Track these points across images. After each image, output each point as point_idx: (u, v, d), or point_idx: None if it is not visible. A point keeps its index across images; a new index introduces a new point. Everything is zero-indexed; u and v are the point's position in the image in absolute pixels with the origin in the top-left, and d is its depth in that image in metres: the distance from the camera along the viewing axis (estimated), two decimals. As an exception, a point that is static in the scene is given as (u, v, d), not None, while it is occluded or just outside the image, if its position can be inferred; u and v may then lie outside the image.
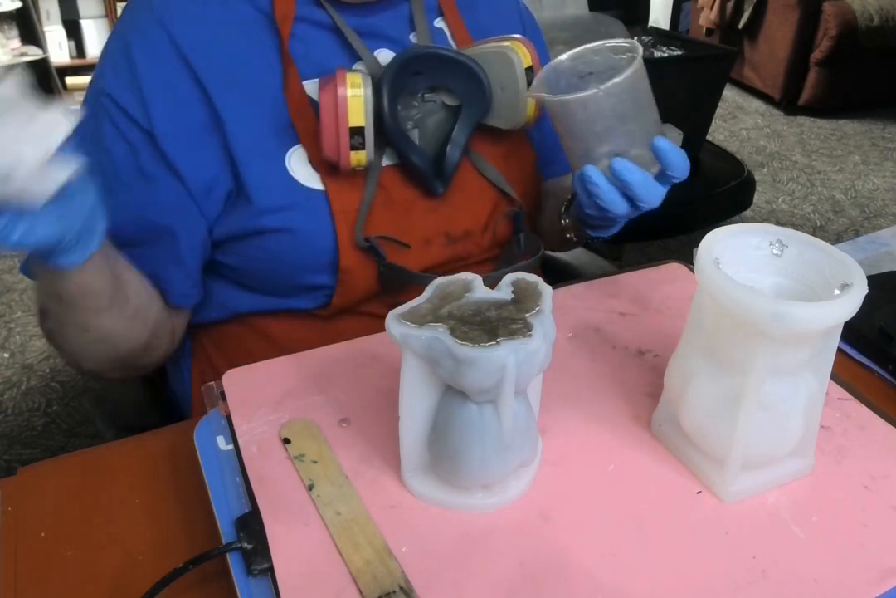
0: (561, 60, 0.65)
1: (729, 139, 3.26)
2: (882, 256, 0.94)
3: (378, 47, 0.73)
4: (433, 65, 0.68)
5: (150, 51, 0.66)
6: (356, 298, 0.74)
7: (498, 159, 0.77)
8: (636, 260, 2.33)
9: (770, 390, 0.48)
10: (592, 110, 0.59)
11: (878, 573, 0.47)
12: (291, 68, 0.68)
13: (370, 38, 0.72)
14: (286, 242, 0.69)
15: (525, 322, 0.45)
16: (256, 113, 0.68)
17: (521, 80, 0.69)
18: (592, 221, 0.71)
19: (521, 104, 0.70)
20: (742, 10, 3.43)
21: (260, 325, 0.78)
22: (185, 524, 0.55)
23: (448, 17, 0.77)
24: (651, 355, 0.66)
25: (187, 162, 0.67)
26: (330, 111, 0.63)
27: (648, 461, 0.55)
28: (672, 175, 0.63)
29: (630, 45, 0.63)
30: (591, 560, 0.48)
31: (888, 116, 3.47)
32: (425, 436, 0.51)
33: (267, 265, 0.72)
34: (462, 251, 0.77)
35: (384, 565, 0.46)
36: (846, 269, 0.48)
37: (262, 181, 0.68)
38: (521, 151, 0.80)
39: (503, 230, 0.79)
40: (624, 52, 0.63)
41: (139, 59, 0.66)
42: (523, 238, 0.79)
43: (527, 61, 0.69)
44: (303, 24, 0.69)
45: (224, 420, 0.58)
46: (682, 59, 1.95)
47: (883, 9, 3.17)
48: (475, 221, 0.76)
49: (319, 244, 0.70)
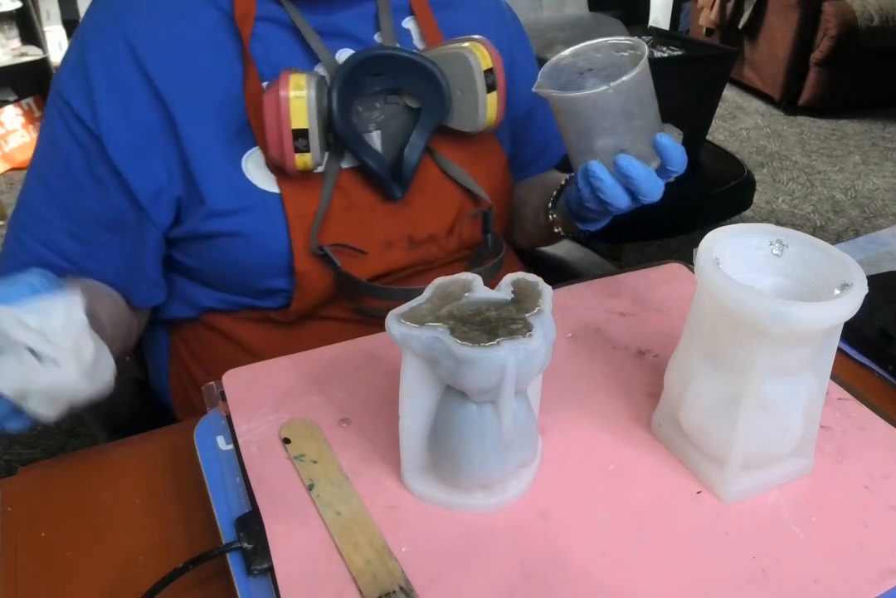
0: (563, 56, 0.64)
1: (729, 139, 3.26)
2: (882, 256, 0.94)
3: (341, 47, 0.71)
4: (392, 66, 0.67)
5: (103, 53, 0.66)
6: (314, 302, 0.74)
7: (465, 161, 0.75)
8: (636, 260, 2.33)
9: (770, 390, 0.48)
10: (601, 107, 0.60)
11: (878, 573, 0.47)
12: (251, 69, 0.67)
13: (333, 37, 0.70)
14: (240, 246, 0.69)
15: (525, 322, 0.45)
16: (212, 115, 0.67)
17: (480, 83, 0.67)
18: (589, 214, 0.70)
19: (481, 107, 0.69)
20: (742, 10, 3.43)
21: (227, 329, 0.78)
22: (185, 524, 0.55)
23: (419, 17, 0.75)
24: (651, 355, 0.66)
25: (134, 168, 0.66)
26: (272, 113, 0.62)
27: (648, 461, 0.55)
28: (672, 170, 0.63)
29: (633, 42, 0.63)
30: (590, 560, 0.48)
31: (888, 116, 3.47)
32: (425, 436, 0.51)
33: (223, 267, 0.72)
34: (427, 255, 0.76)
35: (384, 565, 0.46)
36: (846, 269, 0.48)
37: (217, 184, 0.67)
38: (489, 153, 0.79)
39: (470, 232, 0.78)
40: (625, 50, 0.63)
41: (91, 62, 0.66)
42: (490, 239, 0.78)
43: (486, 63, 0.67)
44: (264, 24, 0.68)
45: (224, 420, 0.58)
46: (682, 59, 1.95)
47: (883, 9, 3.17)
48: (440, 224, 0.75)
49: (274, 249, 0.69)
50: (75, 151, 0.67)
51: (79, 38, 0.69)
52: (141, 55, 0.66)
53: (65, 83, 0.67)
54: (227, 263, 0.71)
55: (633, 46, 0.63)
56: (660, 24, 2.48)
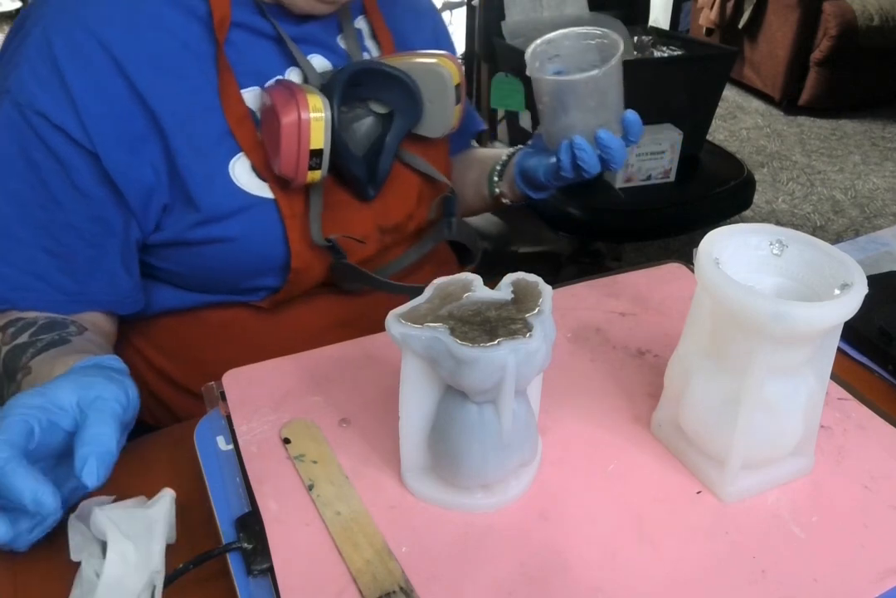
0: (537, 44, 0.72)
1: (729, 139, 3.26)
2: (882, 256, 0.94)
3: (310, 53, 0.74)
4: (372, 78, 0.71)
5: (79, 60, 0.62)
6: (302, 292, 0.77)
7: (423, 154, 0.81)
8: (636, 260, 2.33)
9: (770, 389, 0.48)
10: (592, 88, 0.68)
11: (878, 573, 0.47)
12: (227, 75, 0.67)
13: (303, 43, 0.73)
14: (235, 251, 0.70)
15: (525, 322, 0.45)
16: (196, 122, 0.66)
17: (451, 96, 0.74)
18: (557, 183, 0.77)
19: (449, 117, 0.76)
20: (742, 9, 3.43)
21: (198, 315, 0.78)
22: (185, 524, 0.55)
23: (370, 16, 0.80)
24: (651, 355, 0.66)
25: (127, 178, 0.65)
26: (292, 133, 0.63)
27: (648, 461, 0.55)
28: (632, 141, 0.72)
29: (602, 32, 0.71)
30: (590, 560, 0.48)
31: (888, 116, 3.47)
32: (425, 436, 0.51)
33: (209, 272, 0.73)
34: (390, 241, 0.81)
35: (384, 565, 0.46)
36: (846, 269, 0.48)
37: (209, 190, 0.67)
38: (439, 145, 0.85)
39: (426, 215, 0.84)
40: (594, 38, 0.71)
41: (67, 69, 0.62)
42: (455, 223, 0.84)
43: (456, 79, 0.74)
44: (238, 31, 0.69)
45: (224, 420, 0.58)
46: (682, 59, 1.95)
47: (883, 9, 3.17)
48: (405, 213, 0.81)
49: (269, 251, 0.71)
50: (53, 167, 0.64)
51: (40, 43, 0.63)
52: (122, 63, 0.63)
53: (34, 94, 0.62)
54: (215, 268, 0.72)
55: (601, 35, 0.70)
56: (660, 23, 2.47)
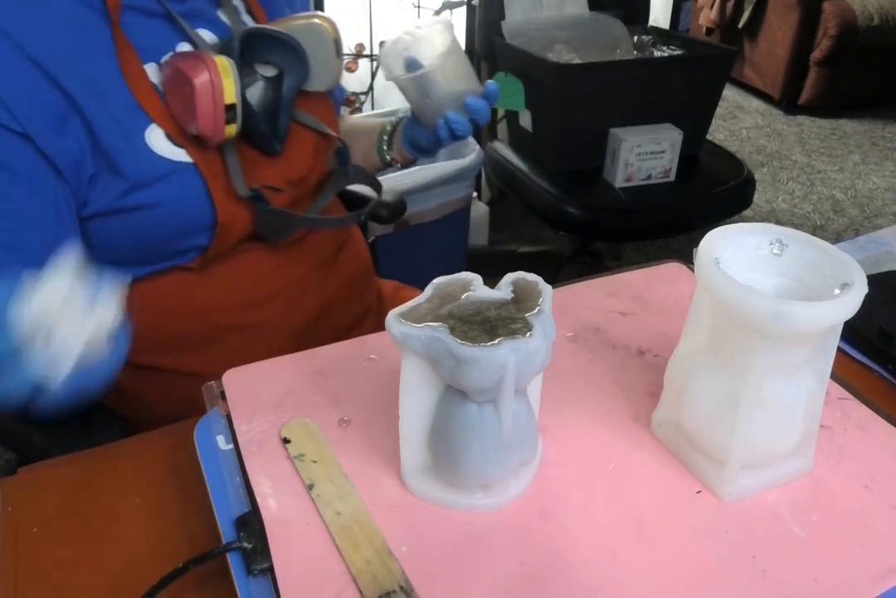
0: (387, 44, 0.83)
1: (729, 139, 3.26)
2: (882, 255, 0.94)
3: (198, 27, 0.79)
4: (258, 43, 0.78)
5: None
6: (230, 247, 0.81)
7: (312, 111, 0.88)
8: (636, 260, 2.33)
9: (770, 389, 0.48)
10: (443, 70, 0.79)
11: (878, 573, 0.47)
12: (127, 53, 0.72)
13: (190, 19, 0.78)
14: (163, 215, 0.74)
15: (525, 322, 0.45)
16: (106, 98, 0.71)
17: (332, 50, 0.81)
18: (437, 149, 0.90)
19: (332, 70, 0.83)
20: (742, 9, 3.43)
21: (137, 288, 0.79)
22: (185, 524, 0.55)
23: None
24: (651, 354, 0.66)
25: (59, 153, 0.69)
26: (206, 92, 0.69)
27: (648, 461, 0.55)
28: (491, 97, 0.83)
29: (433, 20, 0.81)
30: (591, 560, 0.48)
31: (888, 115, 3.47)
32: (425, 436, 0.51)
33: (140, 239, 0.76)
34: (298, 194, 0.87)
35: (384, 565, 0.46)
36: (846, 268, 0.48)
37: (132, 158, 0.72)
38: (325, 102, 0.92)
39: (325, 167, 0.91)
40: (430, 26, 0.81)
41: None
42: (351, 170, 0.92)
43: (332, 34, 0.81)
44: (130, 12, 0.74)
45: (224, 420, 0.58)
46: (682, 58, 1.95)
47: (883, 9, 3.17)
48: (307, 166, 0.87)
49: (196, 210, 0.76)
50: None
51: None
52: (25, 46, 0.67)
53: None
54: (142, 234, 0.75)
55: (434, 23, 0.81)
56: (660, 23, 2.47)
